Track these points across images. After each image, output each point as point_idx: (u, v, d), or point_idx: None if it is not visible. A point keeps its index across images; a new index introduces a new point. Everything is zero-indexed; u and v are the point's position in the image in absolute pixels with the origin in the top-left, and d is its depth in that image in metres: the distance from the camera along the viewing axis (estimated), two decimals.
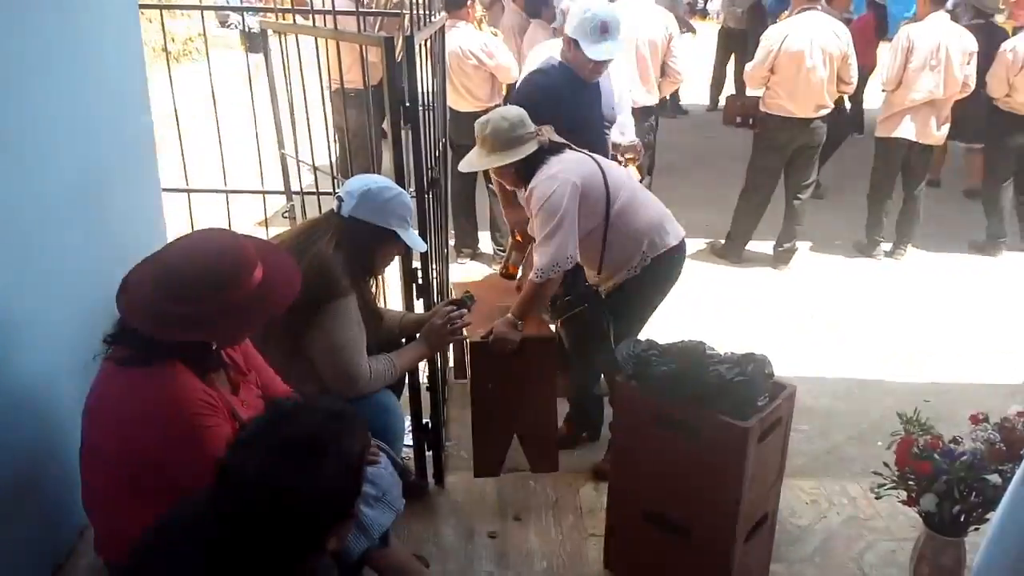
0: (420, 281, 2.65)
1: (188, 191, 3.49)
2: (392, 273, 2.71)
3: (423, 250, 2.48)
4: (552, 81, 3.20)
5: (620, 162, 3.38)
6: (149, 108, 2.86)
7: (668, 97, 7.39)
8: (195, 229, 2.00)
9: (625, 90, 3.64)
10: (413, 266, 2.62)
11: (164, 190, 3.03)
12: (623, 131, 3.53)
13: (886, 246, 5.51)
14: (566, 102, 3.14)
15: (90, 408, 1.72)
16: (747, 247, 5.40)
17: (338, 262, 2.17)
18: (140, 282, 1.70)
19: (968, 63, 5.08)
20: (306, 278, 1.89)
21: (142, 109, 2.81)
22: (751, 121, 5.33)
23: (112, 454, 1.67)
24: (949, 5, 13.05)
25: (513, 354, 2.75)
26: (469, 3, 4.80)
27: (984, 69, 5.25)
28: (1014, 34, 5.75)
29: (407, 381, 2.64)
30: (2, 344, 1.89)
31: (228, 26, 11.49)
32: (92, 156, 2.35)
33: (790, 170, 5.14)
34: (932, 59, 4.98)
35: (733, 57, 9.42)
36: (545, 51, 3.78)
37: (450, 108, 4.17)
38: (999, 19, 14.58)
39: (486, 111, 4.60)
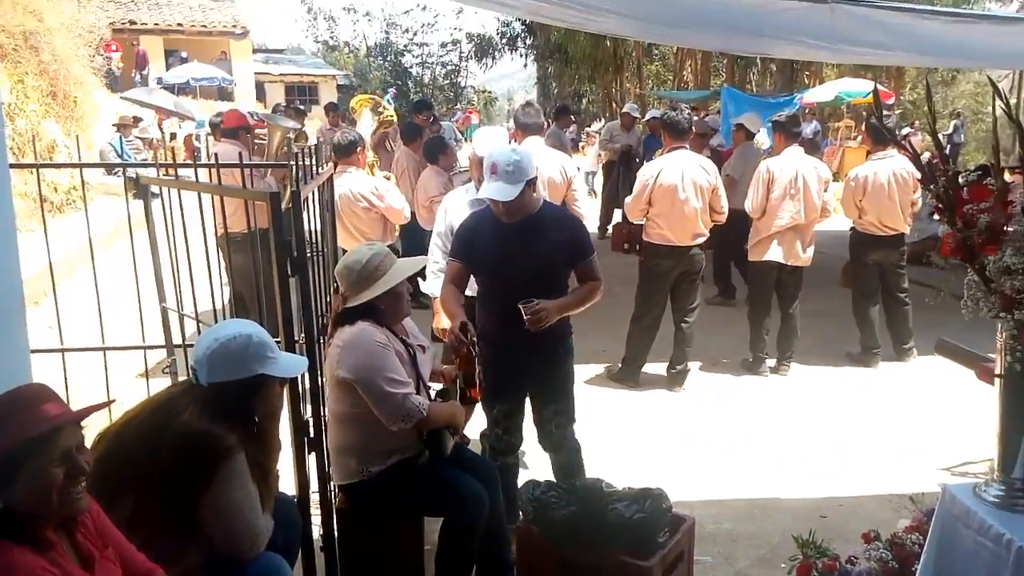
0: (312, 434, 2.57)
1: (63, 350, 3.32)
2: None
3: (302, 370, 2.38)
4: (469, 221, 3.29)
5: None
6: (18, 267, 2.73)
7: None
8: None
9: None
10: (304, 419, 2.54)
11: (34, 351, 2.86)
12: None
13: (771, 363, 5.76)
14: (480, 241, 3.16)
15: None
16: (643, 370, 5.53)
17: (211, 426, 2.09)
18: None
19: (825, 190, 5.56)
20: (176, 454, 1.82)
21: (10, 269, 2.68)
22: (637, 247, 5.59)
23: None
24: (809, 132, 14.44)
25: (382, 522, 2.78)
26: (359, 149, 4.94)
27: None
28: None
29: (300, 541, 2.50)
30: None
31: (115, 173, 11.32)
32: None
33: (675, 295, 5.37)
34: (792, 188, 5.42)
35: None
36: (460, 195, 3.91)
37: (343, 249, 4.19)
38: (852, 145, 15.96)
39: None
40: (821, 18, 4.83)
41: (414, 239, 6.54)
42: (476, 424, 3.81)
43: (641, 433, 4.67)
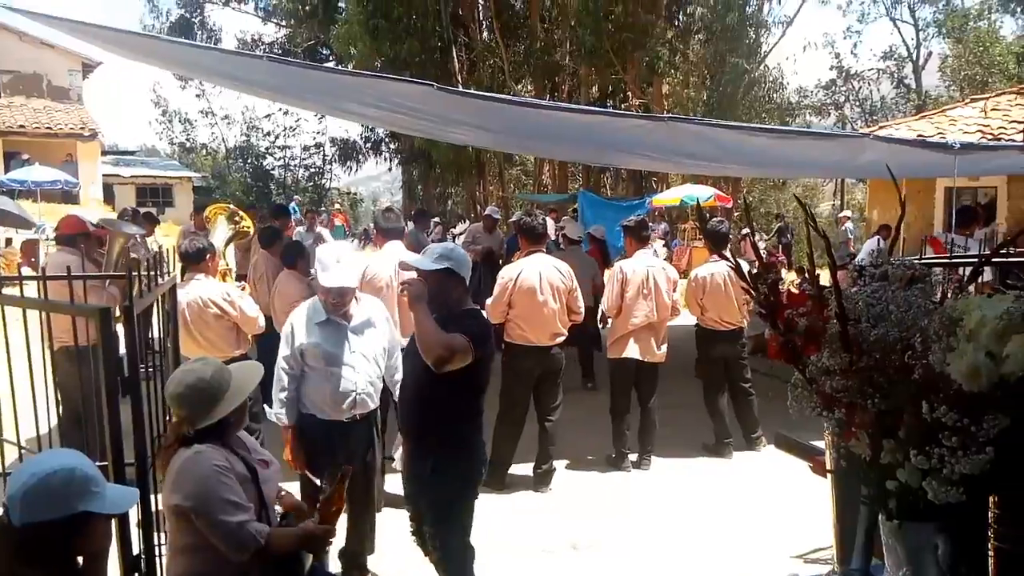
0: (144, 569, 2.34)
1: None
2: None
3: (132, 504, 2.16)
4: None
5: None
6: None
7: None
8: None
9: None
10: (136, 554, 2.32)
11: None
12: None
13: (633, 457, 5.86)
14: None
15: None
16: (509, 471, 5.47)
17: (23, 571, 1.86)
18: None
19: (673, 290, 5.86)
20: None
21: None
22: (501, 346, 5.63)
23: None
24: (661, 232, 15.30)
25: None
26: (209, 256, 4.77)
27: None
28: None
29: None
30: None
31: None
32: None
33: (538, 395, 5.42)
34: (644, 288, 5.67)
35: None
36: (304, 314, 3.77)
37: (186, 358, 3.96)
38: (698, 245, 17.09)
39: (231, 360, 4.45)
40: (660, 135, 5.23)
41: (270, 346, 6.30)
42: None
43: (508, 538, 4.58)
